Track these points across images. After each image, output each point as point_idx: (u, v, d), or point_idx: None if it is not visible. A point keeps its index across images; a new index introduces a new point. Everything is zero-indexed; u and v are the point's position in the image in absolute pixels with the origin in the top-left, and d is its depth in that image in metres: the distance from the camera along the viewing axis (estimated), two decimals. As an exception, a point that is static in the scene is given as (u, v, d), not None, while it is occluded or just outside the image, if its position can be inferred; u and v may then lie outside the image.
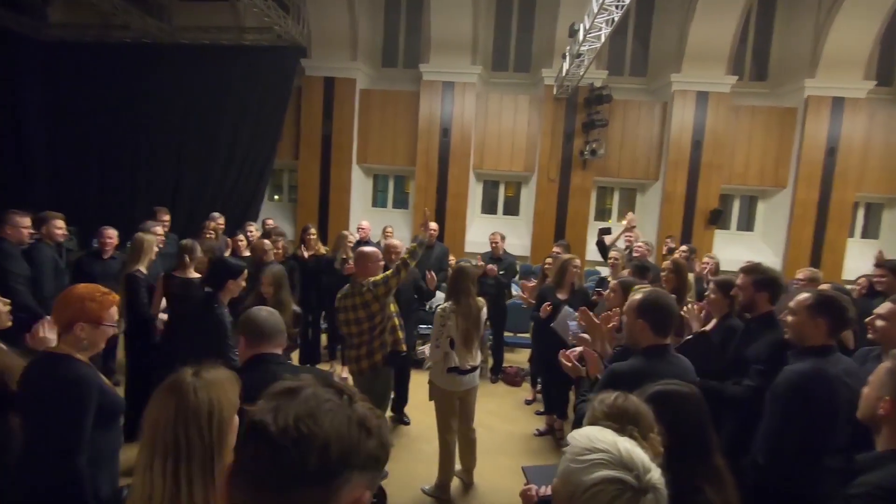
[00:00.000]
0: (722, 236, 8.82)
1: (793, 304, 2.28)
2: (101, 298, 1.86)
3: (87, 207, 8.38)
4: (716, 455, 1.53)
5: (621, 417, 1.40)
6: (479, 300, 3.60)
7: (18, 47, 8.34)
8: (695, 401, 1.58)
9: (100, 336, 1.87)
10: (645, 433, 1.38)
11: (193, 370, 1.21)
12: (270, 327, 1.84)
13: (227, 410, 1.17)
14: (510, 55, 9.25)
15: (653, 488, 0.95)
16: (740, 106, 8.47)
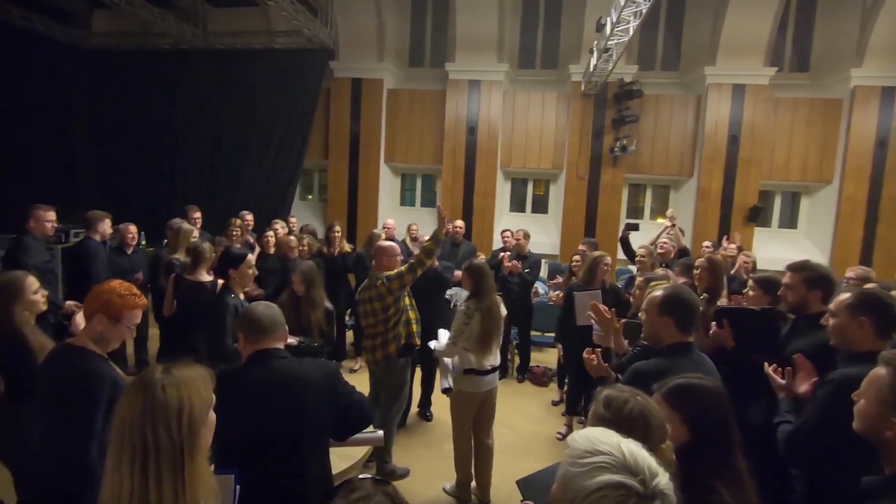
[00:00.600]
0: (762, 234, 8.45)
1: (833, 306, 2.12)
2: (129, 298, 1.89)
3: (130, 207, 8.72)
4: (737, 455, 1.44)
5: (629, 428, 1.24)
6: (496, 297, 3.50)
7: (65, 57, 8.77)
8: (717, 395, 1.50)
9: (114, 334, 1.89)
10: (655, 444, 1.25)
11: (164, 367, 1.18)
12: (268, 322, 1.81)
13: (199, 408, 1.14)
14: (537, 52, 9.13)
15: (661, 494, 0.88)
16: (780, 98, 8.11)
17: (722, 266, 3.41)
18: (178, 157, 9.08)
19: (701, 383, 1.53)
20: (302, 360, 1.91)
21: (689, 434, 1.44)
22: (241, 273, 2.92)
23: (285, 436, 1.73)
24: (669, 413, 1.46)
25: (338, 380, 1.86)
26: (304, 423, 1.76)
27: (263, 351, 1.80)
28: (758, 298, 2.92)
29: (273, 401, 1.73)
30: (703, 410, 1.46)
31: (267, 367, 1.78)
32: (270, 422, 1.72)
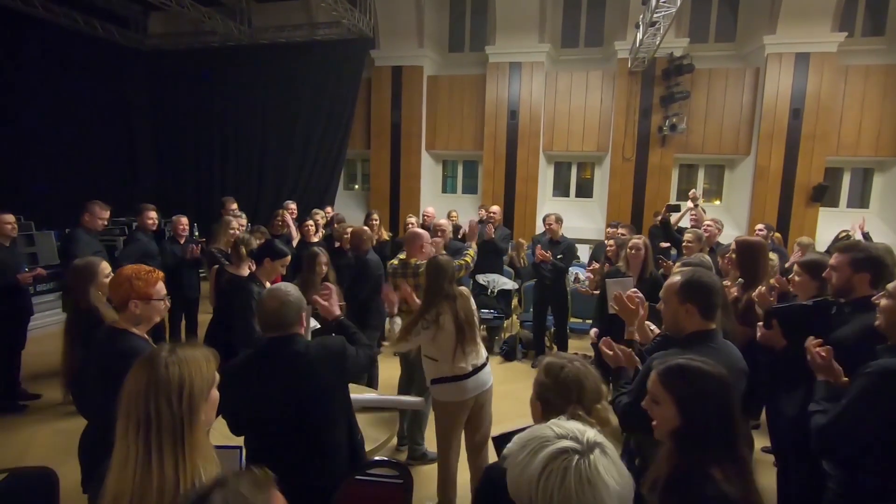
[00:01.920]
0: (828, 214, 7.84)
1: (891, 287, 1.93)
2: (146, 276, 2.03)
3: (185, 200, 9.22)
4: (738, 447, 1.35)
5: (565, 392, 1.38)
6: (460, 289, 2.94)
7: (125, 59, 9.30)
8: (717, 382, 1.39)
9: (153, 310, 2.05)
10: (589, 405, 1.36)
11: (170, 346, 1.25)
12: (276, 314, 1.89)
13: (199, 385, 1.21)
14: (581, 30, 8.80)
15: (597, 444, 0.93)
16: (850, 66, 7.43)
17: (759, 249, 3.15)
18: (229, 150, 9.47)
19: (700, 366, 1.42)
20: (310, 344, 1.97)
21: (679, 417, 1.37)
22: (273, 266, 3.03)
23: (298, 421, 1.85)
24: (662, 393, 1.41)
25: (345, 358, 1.97)
26: (317, 407, 1.87)
27: (275, 339, 1.88)
28: (804, 284, 2.70)
29: (284, 390, 1.84)
30: (697, 394, 1.37)
31: (274, 357, 1.87)
32: (282, 408, 1.83)
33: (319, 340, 1.91)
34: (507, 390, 4.78)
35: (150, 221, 4.87)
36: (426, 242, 3.61)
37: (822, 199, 7.60)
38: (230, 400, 1.83)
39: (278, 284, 2.03)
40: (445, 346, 2.75)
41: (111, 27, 8.79)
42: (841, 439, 1.76)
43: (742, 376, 1.91)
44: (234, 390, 1.82)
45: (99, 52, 8.74)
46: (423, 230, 3.75)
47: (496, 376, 3.19)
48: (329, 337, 1.98)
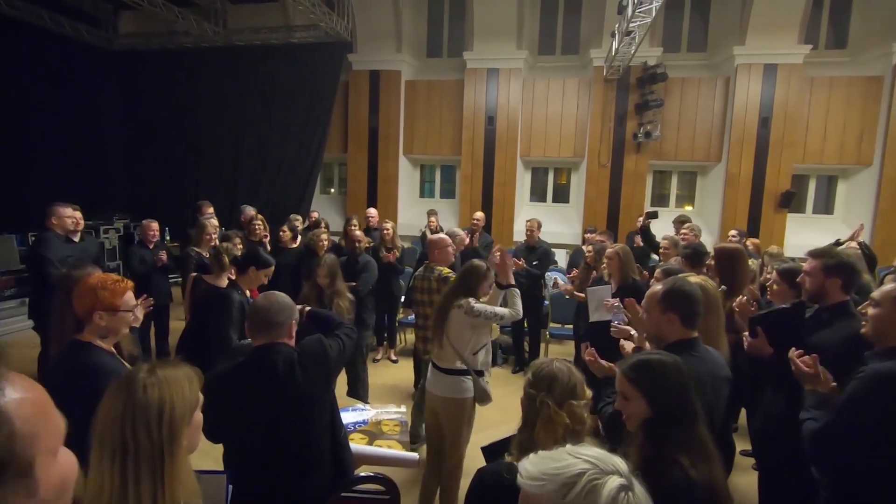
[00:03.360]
0: (796, 220, 8.10)
1: (877, 295, 1.97)
2: (113, 286, 1.91)
3: (157, 204, 8.97)
4: (698, 428, 1.46)
5: (539, 384, 1.49)
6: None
7: (94, 58, 9.01)
8: (675, 370, 1.51)
9: (120, 322, 1.93)
10: (561, 399, 1.44)
11: (149, 366, 1.17)
12: (264, 320, 1.83)
13: (181, 409, 1.14)
14: (557, 37, 8.91)
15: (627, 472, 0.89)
16: (815, 77, 7.71)
17: (738, 256, 3.22)
18: (203, 154, 9.25)
19: (660, 358, 1.55)
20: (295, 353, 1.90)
21: (648, 409, 1.48)
22: (258, 276, 2.97)
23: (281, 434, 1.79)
24: (631, 389, 1.52)
25: (328, 359, 1.92)
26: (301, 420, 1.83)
27: (262, 348, 1.83)
28: (782, 292, 2.77)
29: (268, 401, 1.78)
30: (662, 385, 1.48)
31: (260, 367, 1.81)
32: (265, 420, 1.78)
33: (300, 347, 1.85)
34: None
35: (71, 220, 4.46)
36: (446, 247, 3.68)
37: (790, 206, 7.85)
38: (211, 410, 1.79)
39: (273, 291, 1.97)
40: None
41: (80, 26, 8.51)
42: (834, 446, 1.78)
43: (726, 384, 1.94)
44: (216, 400, 1.75)
45: (67, 51, 8.46)
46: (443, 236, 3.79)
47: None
48: (307, 341, 1.90)
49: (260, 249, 3.08)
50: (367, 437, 2.20)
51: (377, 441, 2.18)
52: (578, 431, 1.46)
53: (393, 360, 5.53)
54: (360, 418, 2.34)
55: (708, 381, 1.84)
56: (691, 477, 1.33)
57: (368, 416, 2.37)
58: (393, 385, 4.83)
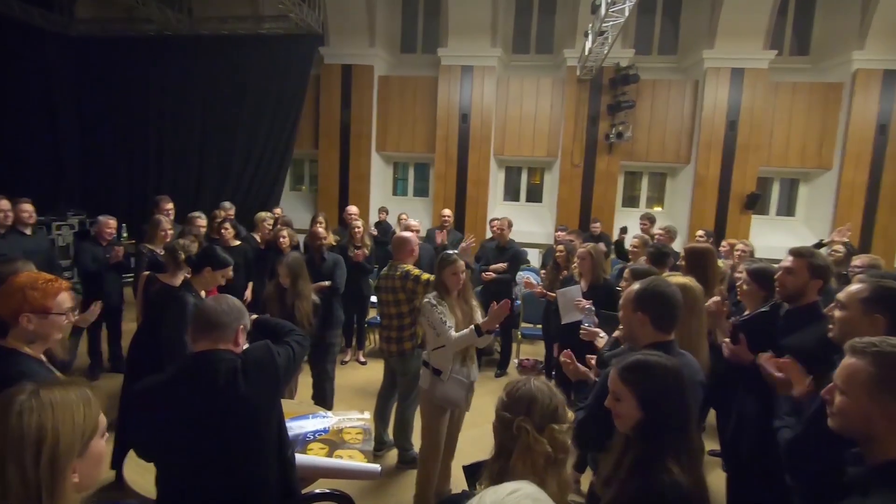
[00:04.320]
0: (760, 222, 8.31)
1: (843, 296, 1.93)
2: (45, 286, 1.72)
3: (115, 197, 8.59)
4: (691, 433, 1.42)
5: (515, 406, 1.35)
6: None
7: (49, 44, 8.53)
8: (671, 373, 1.45)
9: (50, 326, 1.73)
10: (542, 423, 1.31)
11: (33, 387, 0.98)
12: (207, 323, 1.66)
13: (69, 440, 0.95)
14: (532, 36, 8.90)
15: None
16: (779, 82, 7.91)
17: (708, 256, 3.22)
18: (165, 146, 8.88)
19: (657, 360, 1.47)
20: (240, 362, 1.71)
21: (641, 412, 1.41)
22: (213, 276, 2.79)
23: (220, 451, 1.61)
24: (624, 390, 1.45)
25: (276, 368, 1.75)
26: (244, 436, 1.64)
27: (202, 353, 1.65)
28: (752, 293, 2.76)
29: (206, 414, 1.60)
30: (657, 387, 1.42)
31: (199, 375, 1.63)
32: (209, 435, 1.60)
33: (245, 354, 1.70)
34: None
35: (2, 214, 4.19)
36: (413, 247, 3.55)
37: (755, 207, 8.03)
38: (142, 424, 1.63)
39: (224, 295, 1.83)
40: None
41: (32, 9, 8.05)
42: (810, 454, 1.74)
43: (700, 388, 1.90)
44: (147, 413, 1.60)
45: (18, 36, 7.98)
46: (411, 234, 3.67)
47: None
48: (252, 347, 1.75)
49: (217, 248, 2.90)
50: (328, 447, 2.08)
51: (338, 451, 2.07)
52: (561, 461, 1.33)
53: (361, 361, 5.41)
54: (321, 426, 2.21)
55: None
56: (681, 483, 1.30)
57: (330, 423, 2.25)
58: (361, 387, 4.71)
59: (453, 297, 2.88)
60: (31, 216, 4.40)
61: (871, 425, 1.24)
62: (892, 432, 1.21)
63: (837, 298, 1.95)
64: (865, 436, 1.27)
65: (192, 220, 4.63)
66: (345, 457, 2.05)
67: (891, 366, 1.23)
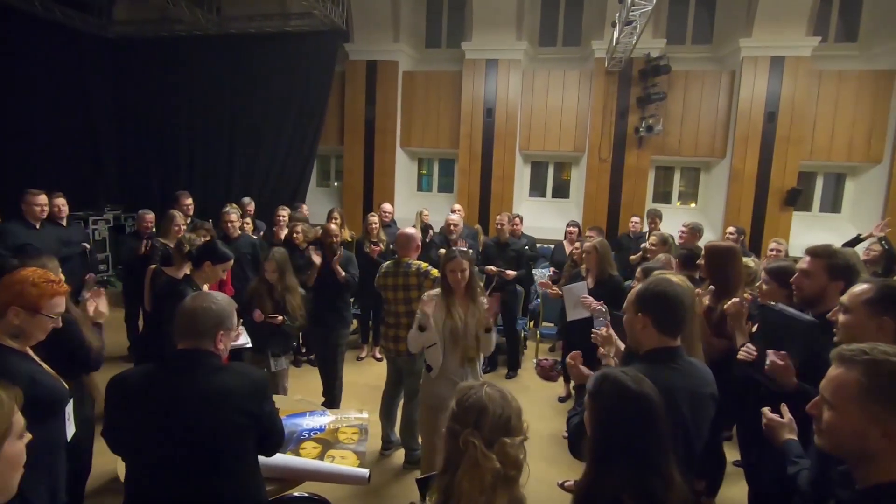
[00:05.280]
0: (802, 219, 7.87)
1: (846, 300, 1.77)
2: (45, 285, 1.74)
3: (150, 194, 8.85)
4: (654, 471, 1.22)
5: (464, 417, 1.22)
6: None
7: (87, 46, 8.85)
8: (638, 404, 1.27)
9: (36, 326, 1.75)
10: (492, 436, 1.19)
11: None
12: (191, 321, 1.61)
13: None
14: (558, 28, 8.68)
15: None
16: (824, 71, 7.45)
17: (729, 255, 3.02)
18: (197, 143, 9.09)
19: (622, 380, 1.30)
20: (229, 367, 1.69)
21: (591, 430, 1.30)
22: (214, 271, 2.79)
23: (195, 452, 1.55)
24: (587, 401, 1.36)
25: (264, 398, 1.65)
26: (219, 438, 1.56)
27: (183, 353, 1.61)
28: (772, 292, 2.57)
29: (185, 412, 1.54)
30: (611, 411, 1.27)
31: (178, 374, 1.59)
32: (179, 435, 1.54)
33: (239, 366, 1.65)
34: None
35: (38, 208, 4.37)
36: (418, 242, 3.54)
37: (796, 204, 7.61)
38: (113, 416, 1.59)
39: (210, 291, 1.81)
40: None
41: (72, 12, 8.36)
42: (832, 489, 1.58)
43: (710, 402, 1.74)
44: (119, 405, 1.57)
45: (60, 38, 8.29)
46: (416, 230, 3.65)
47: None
48: (253, 367, 1.70)
49: (218, 242, 2.91)
50: (321, 447, 2.04)
51: (330, 451, 2.02)
52: (512, 478, 1.21)
53: (378, 357, 5.38)
54: (317, 424, 2.17)
55: (685, 397, 1.65)
56: None
57: (326, 422, 2.20)
58: (376, 385, 4.65)
59: (457, 295, 2.80)
60: (61, 209, 4.55)
61: (865, 443, 1.09)
62: (892, 450, 1.07)
63: (841, 302, 1.78)
64: (858, 455, 1.12)
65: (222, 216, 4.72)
66: (336, 457, 2.00)
67: (884, 375, 1.08)
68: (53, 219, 4.45)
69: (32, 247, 3.23)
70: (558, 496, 3.13)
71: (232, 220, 4.42)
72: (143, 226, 4.77)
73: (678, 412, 1.59)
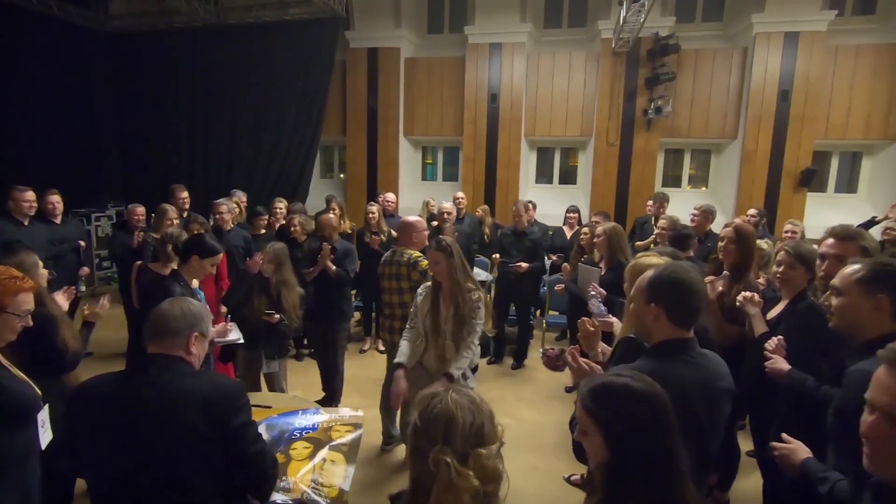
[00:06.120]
0: (816, 200, 7.64)
1: (838, 282, 1.67)
2: (8, 282, 1.64)
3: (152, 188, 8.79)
4: (674, 480, 1.10)
5: (430, 432, 1.05)
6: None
7: (86, 41, 8.78)
8: (647, 401, 1.14)
9: (3, 325, 1.64)
10: (464, 450, 1.03)
11: None
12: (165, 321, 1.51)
13: None
14: (564, 8, 8.45)
15: None
16: (840, 46, 7.17)
17: (753, 238, 2.90)
18: (198, 136, 9.02)
19: (627, 383, 1.16)
20: (198, 373, 1.56)
21: (607, 450, 1.13)
22: (202, 265, 2.69)
23: (157, 459, 1.41)
24: (587, 421, 1.17)
25: (235, 411, 1.47)
26: (181, 445, 1.42)
27: (151, 356, 1.50)
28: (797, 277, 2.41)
29: (146, 416, 1.42)
30: (625, 420, 1.12)
31: (146, 377, 1.47)
32: (140, 440, 1.41)
33: (212, 374, 1.53)
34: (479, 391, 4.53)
35: (26, 204, 4.27)
36: (417, 231, 3.41)
37: (810, 184, 7.38)
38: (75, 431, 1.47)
39: (184, 297, 1.71)
40: None
41: (69, 7, 8.28)
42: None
43: (726, 397, 1.60)
44: (82, 417, 1.45)
45: (56, 33, 8.22)
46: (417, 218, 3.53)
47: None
48: (228, 378, 1.57)
49: (206, 236, 2.82)
50: (312, 447, 1.96)
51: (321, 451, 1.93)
52: (491, 493, 1.06)
53: (381, 350, 5.31)
54: (310, 423, 2.08)
55: (699, 392, 1.51)
56: None
57: (319, 420, 2.12)
58: (378, 378, 4.57)
59: (444, 290, 2.71)
60: (55, 206, 4.50)
61: None
62: None
63: (832, 285, 1.69)
64: None
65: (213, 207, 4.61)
66: (328, 459, 1.91)
67: None
68: (46, 216, 4.40)
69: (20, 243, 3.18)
70: (564, 491, 3.03)
71: (221, 213, 4.31)
72: (133, 219, 4.70)
73: (692, 410, 1.46)
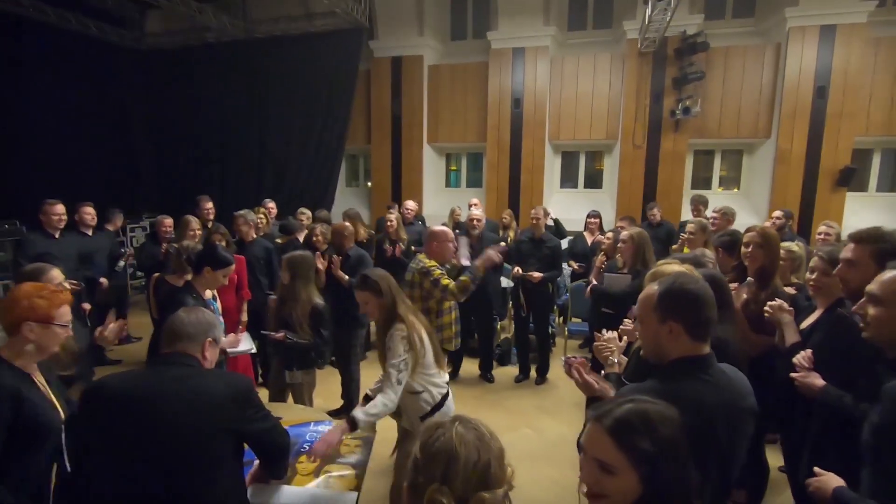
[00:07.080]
0: (856, 200, 7.28)
1: (877, 289, 1.54)
2: (51, 296, 1.74)
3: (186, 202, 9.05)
4: None
5: (429, 468, 0.96)
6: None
7: (122, 59, 9.16)
8: (676, 426, 1.05)
9: (50, 338, 1.74)
10: (465, 490, 0.93)
11: None
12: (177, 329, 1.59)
13: None
14: (588, 10, 8.33)
15: None
16: (881, 38, 6.84)
17: (778, 242, 2.77)
18: (229, 149, 9.27)
19: (661, 410, 1.06)
20: (210, 371, 1.64)
21: (640, 486, 1.01)
22: (214, 276, 2.72)
23: (171, 451, 1.47)
24: (616, 455, 1.02)
25: (246, 406, 1.57)
26: (194, 438, 1.48)
27: (167, 354, 1.59)
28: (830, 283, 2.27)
29: (160, 410, 1.48)
30: (668, 451, 1.02)
31: (161, 371, 1.56)
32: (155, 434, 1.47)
33: (222, 373, 1.60)
34: (495, 399, 4.49)
35: (56, 217, 4.42)
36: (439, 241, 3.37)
37: (850, 184, 7.04)
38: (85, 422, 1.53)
39: (197, 307, 1.76)
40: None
41: (106, 27, 8.66)
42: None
43: (749, 417, 1.49)
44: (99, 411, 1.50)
45: (95, 52, 8.59)
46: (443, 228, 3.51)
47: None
48: (238, 375, 1.64)
49: (218, 247, 2.87)
50: (319, 461, 1.96)
51: (328, 466, 1.93)
52: None
53: None
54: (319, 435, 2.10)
55: (720, 413, 1.40)
56: None
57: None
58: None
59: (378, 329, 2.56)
60: (93, 218, 4.67)
61: None
62: None
63: (869, 291, 1.54)
64: None
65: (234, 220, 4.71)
66: (334, 471, 1.91)
67: None
68: (77, 228, 4.58)
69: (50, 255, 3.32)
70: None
71: (240, 224, 4.40)
72: (161, 230, 4.84)
73: (711, 433, 1.37)
